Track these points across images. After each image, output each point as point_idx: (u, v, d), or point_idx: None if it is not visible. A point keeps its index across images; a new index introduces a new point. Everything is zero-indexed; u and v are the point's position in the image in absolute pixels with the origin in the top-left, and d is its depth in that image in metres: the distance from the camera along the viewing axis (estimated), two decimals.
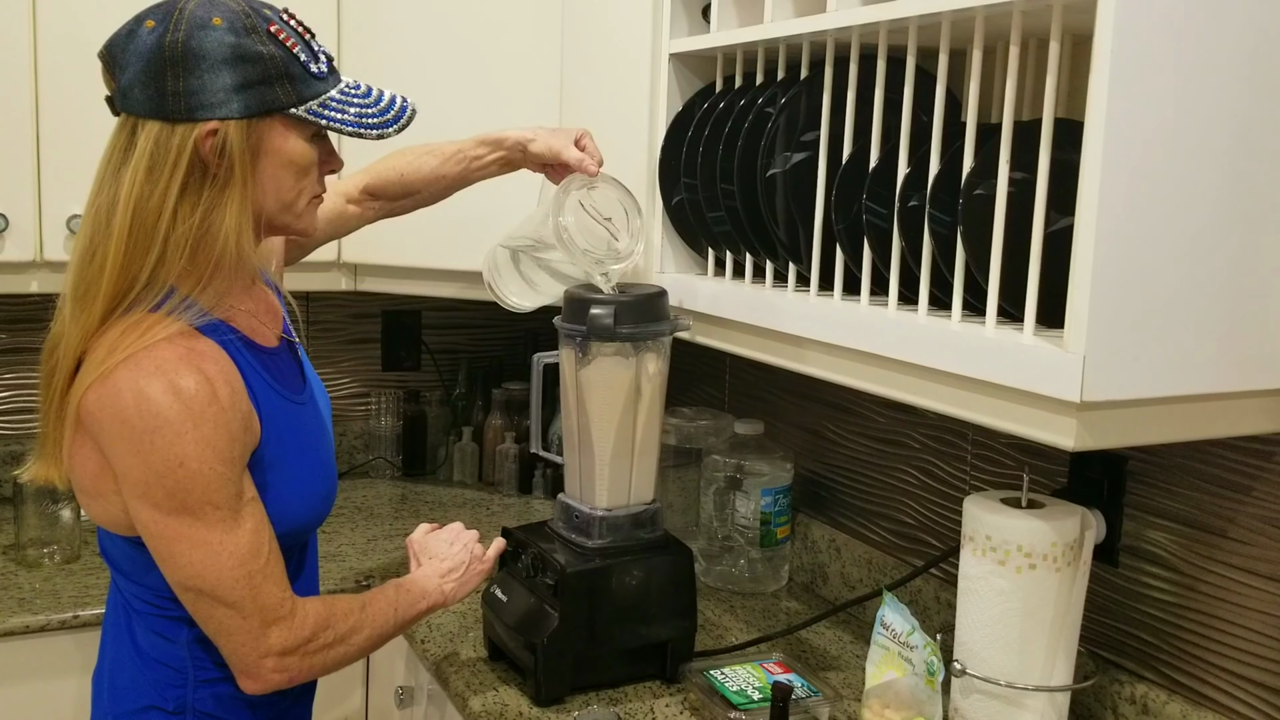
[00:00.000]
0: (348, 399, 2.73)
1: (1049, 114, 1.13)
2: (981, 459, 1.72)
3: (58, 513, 2.06)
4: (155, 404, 1.17)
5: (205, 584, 1.22)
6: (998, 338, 1.16)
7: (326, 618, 1.31)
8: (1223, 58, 1.10)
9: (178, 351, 1.20)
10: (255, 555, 1.24)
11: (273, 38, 1.22)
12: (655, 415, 1.63)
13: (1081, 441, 1.10)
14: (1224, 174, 1.12)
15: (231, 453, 1.22)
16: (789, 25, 1.43)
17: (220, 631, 1.25)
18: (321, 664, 1.31)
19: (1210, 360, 1.14)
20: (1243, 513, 1.36)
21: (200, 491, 1.20)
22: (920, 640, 1.42)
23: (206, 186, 1.22)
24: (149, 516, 1.22)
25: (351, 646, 1.34)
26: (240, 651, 1.26)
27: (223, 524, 1.22)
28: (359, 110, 1.28)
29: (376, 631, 1.38)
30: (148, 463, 1.19)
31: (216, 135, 1.20)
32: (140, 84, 1.20)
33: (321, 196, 1.34)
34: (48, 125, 2.04)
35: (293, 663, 1.28)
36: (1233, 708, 1.37)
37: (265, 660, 1.26)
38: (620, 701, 1.61)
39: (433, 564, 1.53)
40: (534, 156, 1.70)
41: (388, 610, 1.40)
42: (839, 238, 1.39)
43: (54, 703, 1.89)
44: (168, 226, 1.21)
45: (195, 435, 1.18)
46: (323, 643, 1.30)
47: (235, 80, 1.19)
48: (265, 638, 1.25)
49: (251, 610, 1.24)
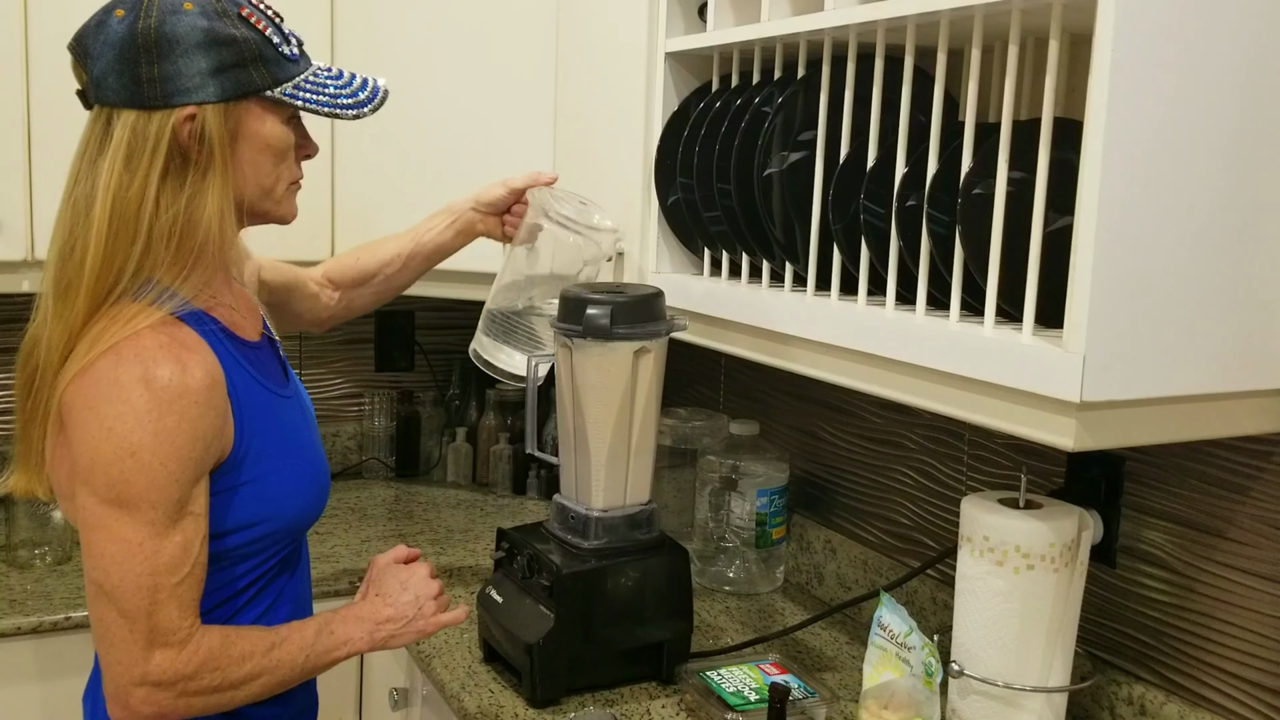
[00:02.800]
0: (341, 399, 2.72)
1: (1048, 113, 1.13)
2: (978, 459, 1.72)
3: (49, 514, 2.05)
4: (125, 390, 1.15)
5: (108, 582, 1.16)
6: (996, 338, 1.16)
7: (218, 658, 1.21)
8: (1222, 57, 1.09)
9: (159, 340, 1.18)
10: (171, 571, 1.17)
11: (244, 20, 1.21)
12: (651, 416, 1.63)
13: (1081, 442, 1.10)
14: (1223, 174, 1.11)
15: (190, 453, 1.17)
16: (786, 24, 1.42)
17: (103, 639, 1.19)
18: (202, 707, 1.22)
19: (1209, 360, 1.14)
20: (1241, 513, 1.35)
21: (143, 486, 1.15)
22: (918, 641, 1.41)
23: (189, 173, 1.20)
24: (83, 501, 1.17)
25: (240, 693, 1.24)
26: (114, 669, 1.18)
27: (152, 526, 1.16)
28: (334, 91, 1.27)
29: (279, 678, 1.27)
30: (99, 448, 1.15)
31: (194, 120, 1.18)
32: (114, 73, 1.18)
33: (299, 183, 1.32)
34: (38, 124, 2.03)
35: (165, 699, 1.19)
36: (1230, 708, 1.37)
37: (136, 689, 1.18)
38: (616, 703, 1.60)
39: (375, 604, 1.38)
40: (486, 202, 1.69)
41: (298, 655, 1.28)
42: (836, 237, 1.38)
43: (47, 704, 1.88)
44: (150, 216, 1.19)
45: (156, 426, 1.15)
46: (205, 684, 1.21)
47: (210, 64, 1.18)
48: (146, 660, 1.18)
49: (142, 627, 1.17)
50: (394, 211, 2.20)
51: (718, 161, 1.53)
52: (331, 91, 1.27)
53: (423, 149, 2.17)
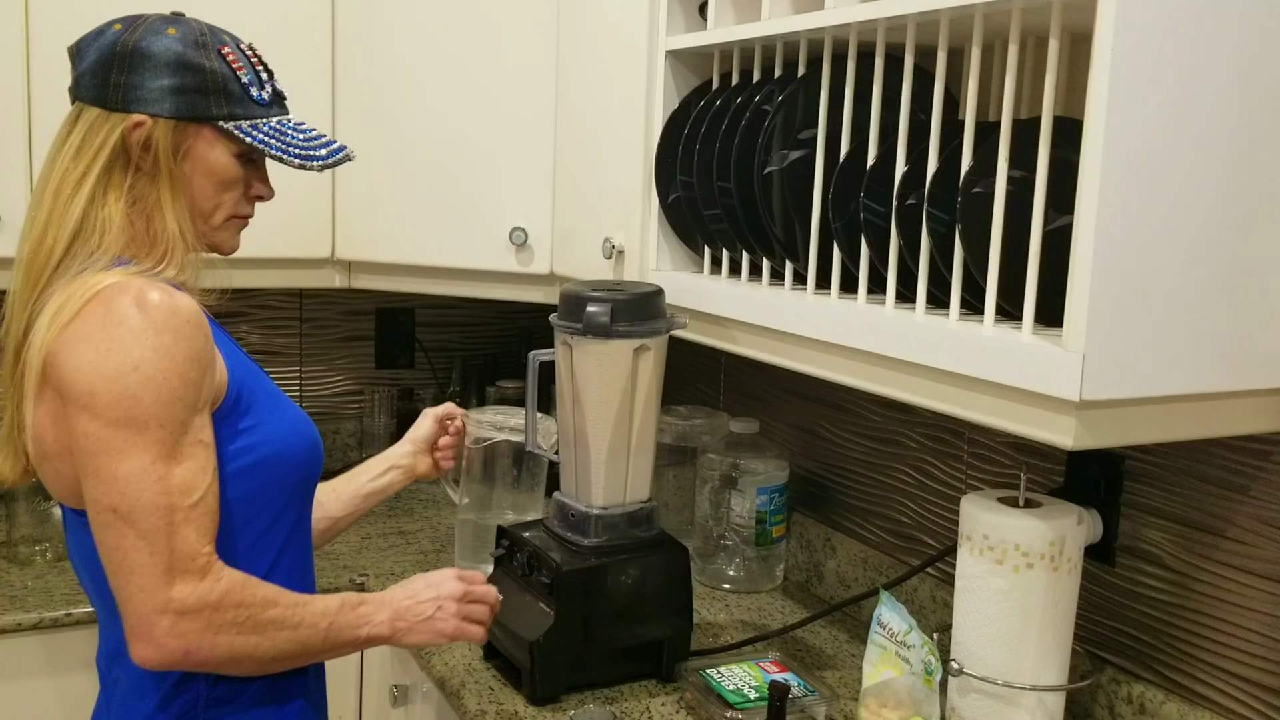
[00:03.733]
0: (341, 396, 2.73)
1: (1048, 112, 1.13)
2: (978, 458, 1.72)
3: (49, 510, 2.05)
4: (120, 313, 1.18)
5: (124, 501, 1.16)
6: (996, 336, 1.16)
7: (243, 594, 1.21)
8: (1222, 56, 1.09)
9: (144, 280, 1.23)
10: (185, 493, 1.18)
11: (220, 57, 1.30)
12: (651, 413, 1.63)
13: (1080, 440, 1.10)
14: (1224, 172, 1.11)
15: (189, 373, 1.19)
16: (786, 22, 1.42)
17: (122, 568, 1.17)
18: (227, 647, 1.20)
19: (1209, 359, 1.14)
20: (1240, 512, 1.36)
21: (149, 402, 1.17)
22: (918, 639, 1.41)
23: (130, 174, 1.28)
24: (85, 428, 1.17)
25: (266, 640, 1.23)
26: (136, 599, 1.17)
27: (161, 446, 1.17)
28: (291, 140, 1.34)
29: (301, 639, 1.26)
30: (99, 368, 1.17)
31: (143, 128, 1.26)
32: (90, 73, 1.28)
33: (246, 220, 1.38)
34: (40, 121, 2.03)
35: (192, 630, 1.17)
36: (1229, 707, 1.37)
37: (161, 617, 1.16)
38: (616, 701, 1.60)
39: (397, 594, 1.39)
40: (422, 439, 1.69)
41: (320, 619, 1.28)
42: (836, 236, 1.38)
43: (47, 701, 1.88)
44: (86, 203, 1.25)
45: (155, 342, 1.18)
46: (231, 619, 1.20)
47: (172, 83, 1.27)
48: (167, 586, 1.16)
49: (162, 548, 1.16)
50: (394, 210, 2.21)
51: (718, 159, 1.53)
52: (289, 140, 1.33)
53: (423, 147, 2.17)
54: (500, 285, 2.19)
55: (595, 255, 1.88)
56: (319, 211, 2.25)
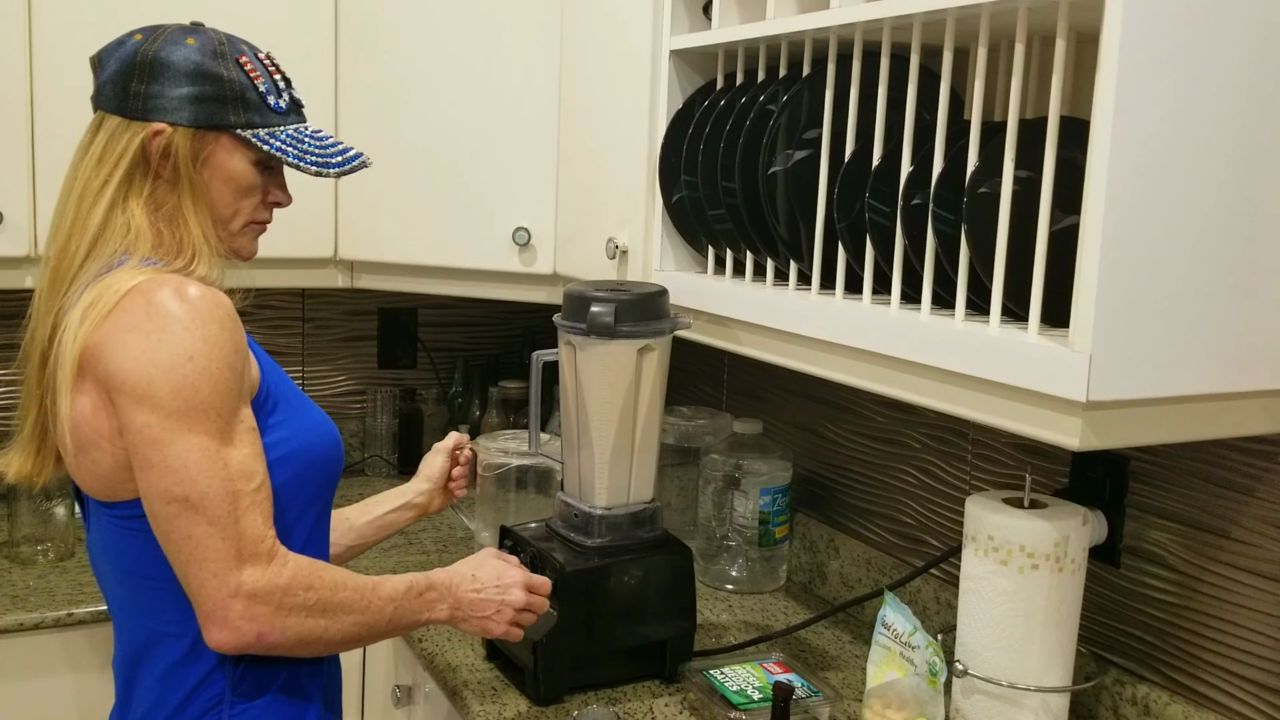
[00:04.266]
0: (344, 397, 2.72)
1: (1054, 112, 1.13)
2: (982, 459, 1.71)
3: (51, 510, 2.05)
4: (164, 304, 1.21)
5: (194, 490, 1.18)
6: (1002, 336, 1.16)
7: (311, 578, 1.24)
8: (1229, 57, 1.09)
9: (179, 276, 1.25)
10: (248, 478, 1.21)
11: (238, 66, 1.32)
12: (655, 414, 1.62)
13: (1087, 441, 1.09)
14: (1230, 173, 1.11)
15: (235, 362, 1.23)
16: (791, 22, 1.42)
17: (194, 557, 1.19)
18: (297, 630, 1.23)
19: (1215, 360, 1.14)
20: (1245, 513, 1.35)
21: (207, 391, 1.20)
22: (922, 640, 1.41)
23: (149, 182, 1.30)
24: (145, 420, 1.19)
25: (334, 623, 1.26)
26: (210, 585, 1.19)
27: (220, 434, 1.20)
28: (309, 148, 1.36)
29: (368, 621, 1.29)
30: (154, 358, 1.19)
31: (162, 136, 1.29)
32: (112, 82, 1.30)
33: (264, 225, 1.40)
34: (42, 120, 2.03)
35: (264, 613, 1.20)
36: (1235, 709, 1.36)
37: (234, 601, 1.19)
38: (619, 701, 1.60)
39: (465, 581, 1.40)
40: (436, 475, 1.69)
41: (387, 605, 1.31)
42: (841, 236, 1.38)
43: (48, 701, 1.88)
44: (106, 212, 1.28)
45: (203, 333, 1.20)
46: (301, 602, 1.22)
47: (191, 93, 1.29)
48: (238, 571, 1.19)
49: (231, 533, 1.19)
50: (396, 211, 2.21)
51: (722, 160, 1.53)
52: (307, 147, 1.36)
53: (426, 147, 2.17)
54: (503, 285, 2.19)
55: (599, 255, 1.88)
56: (322, 211, 2.25)
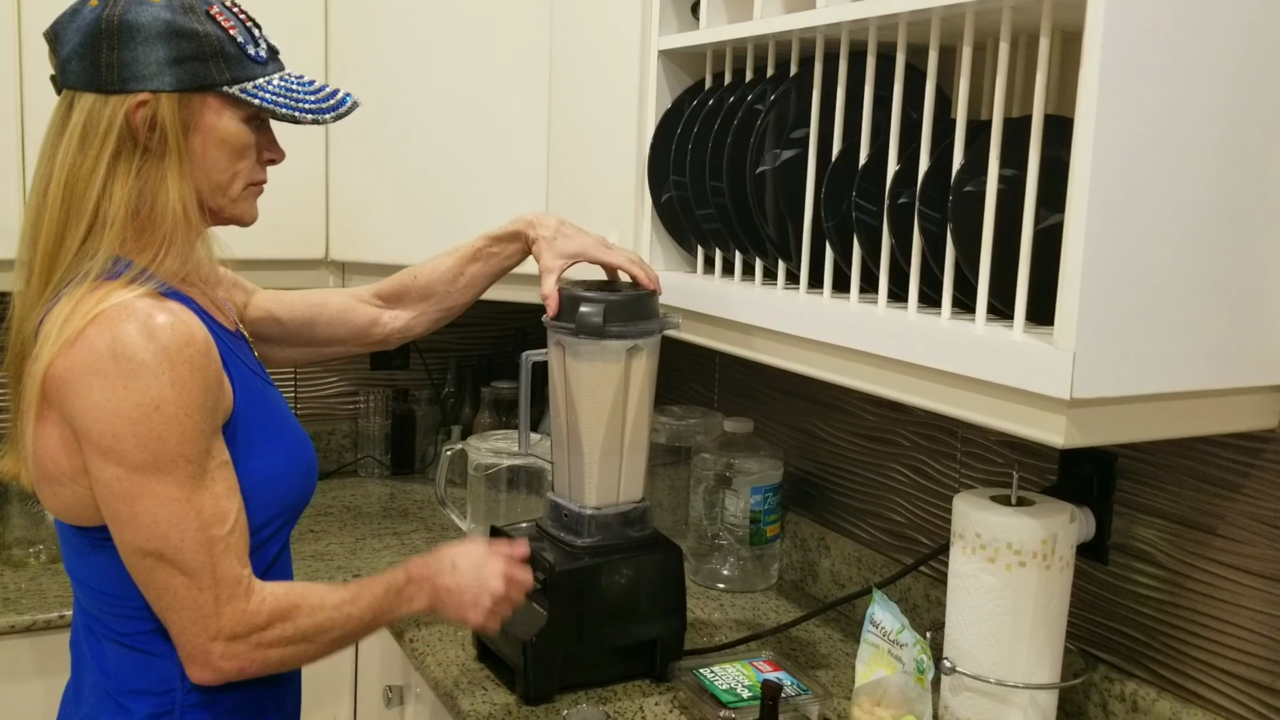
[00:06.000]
0: (335, 398, 2.72)
1: (1039, 110, 1.13)
2: (971, 456, 1.72)
3: (43, 512, 2.04)
4: (130, 345, 1.13)
5: (168, 546, 1.16)
6: (987, 335, 1.16)
7: (288, 610, 1.23)
8: (1212, 54, 1.10)
9: (148, 301, 1.17)
10: (220, 521, 1.18)
11: (211, 18, 1.22)
12: (644, 413, 1.63)
13: (1071, 439, 1.10)
14: (1214, 170, 1.12)
15: (206, 402, 1.17)
16: (778, 22, 1.42)
17: (172, 606, 1.18)
18: (278, 659, 1.23)
19: (1200, 357, 1.14)
20: (1232, 510, 1.36)
21: (175, 441, 1.14)
22: (910, 638, 1.41)
23: (137, 157, 1.21)
24: (113, 474, 1.15)
25: (314, 645, 1.26)
26: (190, 631, 1.19)
27: (192, 481, 1.16)
28: (298, 96, 1.27)
29: (349, 631, 1.29)
30: (119, 410, 1.13)
31: (146, 107, 1.20)
32: (77, 56, 1.20)
33: (261, 186, 1.32)
34: (32, 122, 2.02)
35: (242, 651, 1.20)
36: (1222, 705, 1.37)
37: (214, 644, 1.19)
38: (610, 700, 1.60)
39: (443, 570, 1.39)
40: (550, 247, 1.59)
41: (366, 612, 1.31)
42: (828, 235, 1.38)
43: (39, 704, 1.88)
44: (99, 195, 1.20)
45: (172, 377, 1.14)
46: (278, 635, 1.22)
47: (168, 54, 1.20)
48: (216, 616, 1.18)
49: (208, 582, 1.17)
50: (387, 212, 2.21)
51: (710, 159, 1.53)
52: (296, 95, 1.27)
53: (416, 148, 2.17)
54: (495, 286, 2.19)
55: None
56: (312, 213, 2.24)
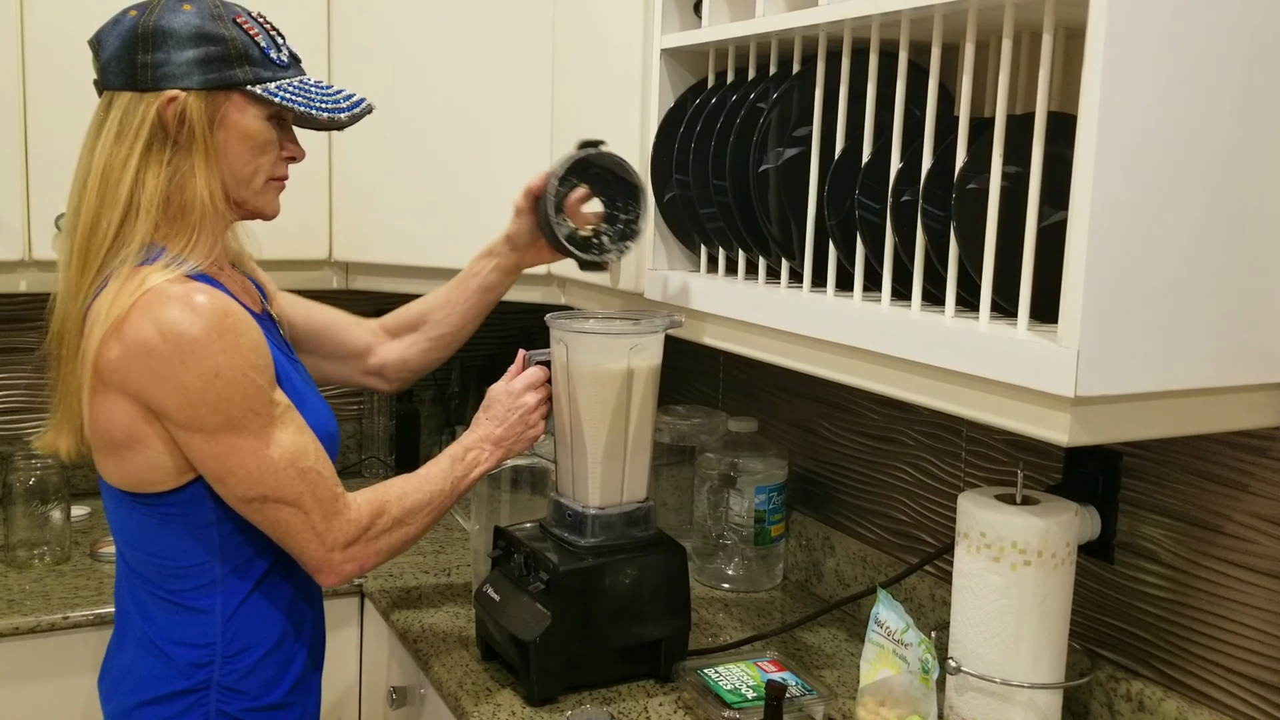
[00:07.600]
0: (340, 398, 2.72)
1: (1042, 108, 1.13)
2: (976, 455, 1.71)
3: (48, 514, 2.05)
4: (176, 325, 1.25)
5: (267, 488, 1.31)
6: (991, 333, 1.16)
7: (380, 506, 1.41)
8: (1216, 50, 1.09)
9: (181, 284, 1.29)
10: (302, 454, 1.33)
11: (237, 25, 1.35)
12: (648, 413, 1.62)
13: (1075, 437, 1.09)
14: (1218, 167, 1.11)
15: (257, 361, 1.29)
16: (781, 20, 1.42)
17: (289, 534, 1.34)
18: (389, 546, 1.42)
19: (1204, 355, 1.14)
20: (1238, 508, 1.35)
21: (241, 399, 1.27)
22: (915, 638, 1.41)
23: (168, 150, 1.33)
24: (199, 442, 1.28)
25: (413, 526, 1.45)
26: (310, 549, 1.35)
27: (266, 430, 1.30)
28: (316, 96, 1.39)
29: (436, 506, 1.48)
30: (185, 385, 1.25)
31: (176, 102, 1.31)
32: (116, 59, 1.33)
33: (283, 182, 1.43)
34: (35, 124, 2.03)
35: (359, 550, 1.39)
36: (1229, 704, 1.36)
37: (333, 554, 1.36)
38: (614, 701, 1.60)
39: (488, 427, 1.56)
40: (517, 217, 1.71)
41: (444, 483, 1.49)
42: (831, 233, 1.38)
43: (44, 704, 1.88)
44: (132, 185, 1.31)
45: (222, 345, 1.26)
46: (382, 527, 1.41)
47: (197, 56, 1.32)
48: (330, 531, 1.35)
49: (312, 504, 1.34)
50: (391, 211, 2.21)
51: (714, 158, 1.53)
52: (312, 96, 1.38)
53: (420, 148, 2.17)
54: None
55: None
56: (316, 213, 2.25)
